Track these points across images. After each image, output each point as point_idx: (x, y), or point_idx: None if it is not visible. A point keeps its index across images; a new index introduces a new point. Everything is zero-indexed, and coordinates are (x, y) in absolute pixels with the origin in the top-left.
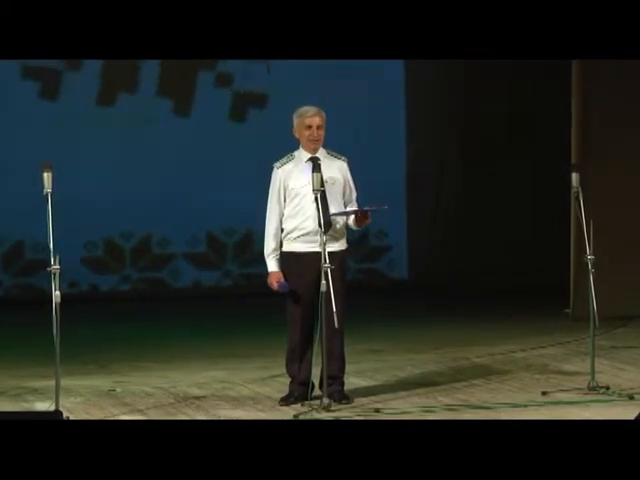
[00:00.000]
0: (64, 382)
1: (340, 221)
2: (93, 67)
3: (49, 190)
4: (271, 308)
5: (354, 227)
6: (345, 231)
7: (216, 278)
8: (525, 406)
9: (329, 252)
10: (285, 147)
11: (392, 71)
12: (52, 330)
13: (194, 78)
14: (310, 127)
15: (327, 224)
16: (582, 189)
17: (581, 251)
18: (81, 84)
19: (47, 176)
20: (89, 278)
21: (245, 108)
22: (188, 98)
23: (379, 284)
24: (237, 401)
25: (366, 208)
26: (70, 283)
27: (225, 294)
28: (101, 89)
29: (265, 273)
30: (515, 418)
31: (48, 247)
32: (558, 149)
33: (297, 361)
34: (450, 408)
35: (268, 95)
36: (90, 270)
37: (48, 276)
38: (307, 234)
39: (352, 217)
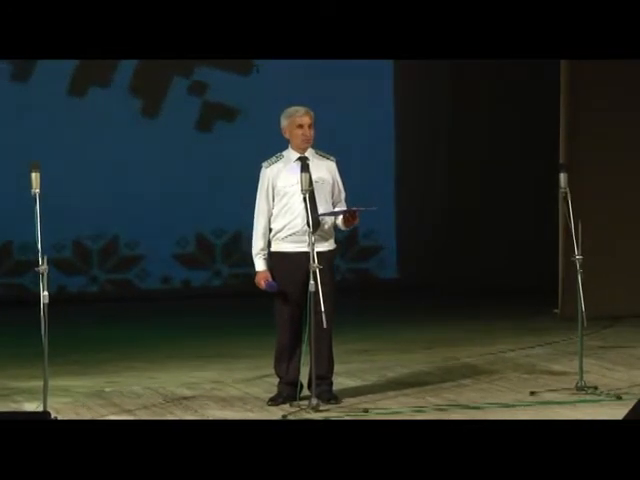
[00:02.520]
0: (53, 382)
1: (328, 221)
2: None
3: (37, 190)
4: (265, 309)
5: (342, 227)
6: (333, 231)
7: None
8: (513, 406)
9: (317, 252)
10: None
11: (381, 72)
12: (40, 330)
13: (167, 82)
14: (302, 126)
15: (315, 224)
16: (570, 189)
17: (569, 251)
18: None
19: (35, 176)
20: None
21: (213, 120)
22: (158, 100)
23: (369, 284)
24: (226, 401)
25: (354, 208)
26: None
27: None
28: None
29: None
30: (503, 418)
31: (36, 247)
32: (550, 148)
33: (286, 361)
34: (439, 408)
35: (240, 110)
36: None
37: (35, 276)
38: (295, 233)
39: (340, 217)
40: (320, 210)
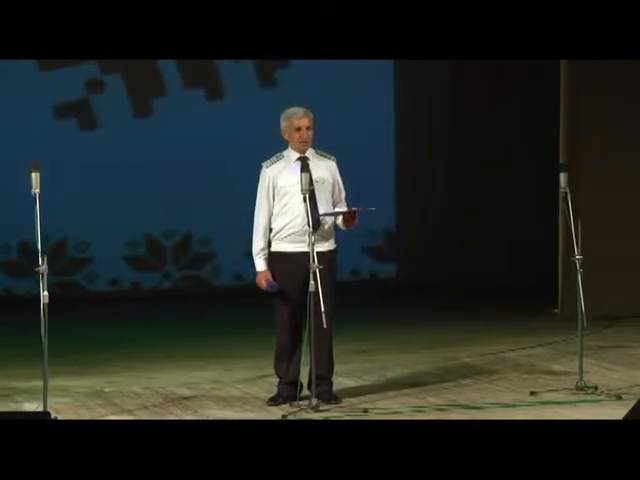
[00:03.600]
0: (53, 382)
1: (329, 221)
2: (117, 85)
3: (37, 190)
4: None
5: (342, 227)
6: (334, 231)
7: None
8: (513, 406)
9: (317, 252)
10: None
11: (381, 72)
12: (40, 330)
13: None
14: (299, 129)
15: (316, 224)
16: (570, 189)
17: (569, 251)
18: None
19: (35, 176)
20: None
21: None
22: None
23: (368, 284)
24: (226, 401)
25: (354, 209)
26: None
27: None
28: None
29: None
30: (503, 418)
31: (36, 248)
32: (550, 148)
33: (286, 361)
34: (439, 408)
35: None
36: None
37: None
38: (296, 233)
39: (340, 217)
40: (320, 210)
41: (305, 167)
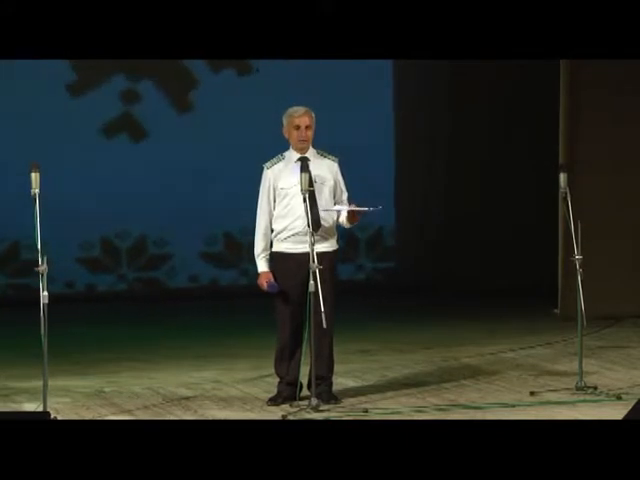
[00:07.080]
0: (52, 382)
1: (330, 221)
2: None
3: (37, 190)
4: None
5: (346, 225)
6: (335, 232)
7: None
8: (513, 406)
9: (318, 252)
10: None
11: (381, 72)
12: (40, 330)
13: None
14: (299, 127)
15: (316, 224)
16: (570, 189)
17: (569, 251)
18: None
19: (35, 176)
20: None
21: None
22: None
23: (368, 284)
24: (225, 401)
25: (359, 209)
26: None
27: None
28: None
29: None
30: (503, 418)
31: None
32: (550, 148)
33: (286, 361)
34: (439, 408)
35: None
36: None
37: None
38: (297, 234)
39: (343, 215)
40: (320, 210)
41: (305, 167)
